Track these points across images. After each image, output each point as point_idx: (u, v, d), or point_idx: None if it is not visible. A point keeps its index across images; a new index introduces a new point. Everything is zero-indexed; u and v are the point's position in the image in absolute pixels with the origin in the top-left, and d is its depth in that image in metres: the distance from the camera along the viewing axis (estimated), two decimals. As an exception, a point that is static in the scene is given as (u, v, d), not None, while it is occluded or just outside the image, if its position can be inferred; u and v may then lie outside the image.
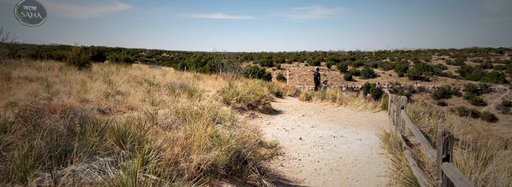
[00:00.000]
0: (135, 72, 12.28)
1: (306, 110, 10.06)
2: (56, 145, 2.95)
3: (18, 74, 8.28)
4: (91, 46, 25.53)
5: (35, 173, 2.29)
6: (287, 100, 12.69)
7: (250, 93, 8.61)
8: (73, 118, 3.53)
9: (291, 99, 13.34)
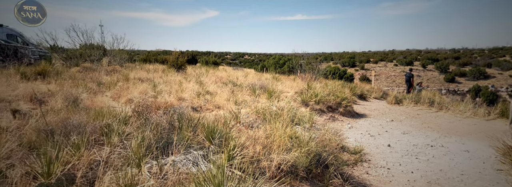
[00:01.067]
0: (221, 74, 13.42)
1: (395, 114, 9.04)
2: (161, 137, 3.45)
3: (133, 75, 10.14)
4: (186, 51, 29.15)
5: (146, 161, 2.73)
6: (372, 103, 11.66)
7: (330, 95, 8.27)
8: (173, 114, 4.08)
9: (377, 101, 12.21)
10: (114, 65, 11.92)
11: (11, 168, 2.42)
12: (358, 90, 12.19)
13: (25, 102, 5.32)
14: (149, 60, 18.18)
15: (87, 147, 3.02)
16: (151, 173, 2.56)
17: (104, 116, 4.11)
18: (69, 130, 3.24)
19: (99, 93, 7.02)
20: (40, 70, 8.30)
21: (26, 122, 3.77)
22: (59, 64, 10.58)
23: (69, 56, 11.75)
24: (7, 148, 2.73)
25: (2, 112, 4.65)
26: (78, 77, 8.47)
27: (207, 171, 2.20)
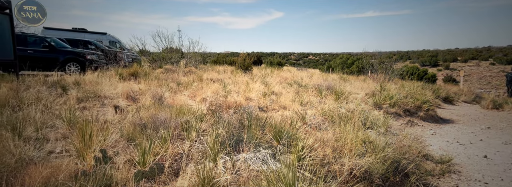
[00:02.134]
0: (285, 75, 13.49)
1: (493, 121, 7.62)
2: (232, 135, 3.66)
3: (206, 76, 11.02)
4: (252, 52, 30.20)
5: (221, 156, 2.94)
6: (461, 107, 10.08)
7: (407, 97, 7.48)
8: (242, 113, 4.29)
9: (466, 106, 10.51)
10: (190, 67, 13.16)
11: (117, 155, 2.90)
12: (442, 92, 10.70)
13: (123, 99, 6.31)
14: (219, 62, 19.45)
15: (171, 140, 3.42)
16: (226, 168, 2.75)
17: (184, 113, 4.58)
18: (157, 125, 3.72)
19: (178, 92, 7.85)
20: (132, 72, 9.75)
21: (124, 117, 4.47)
22: (146, 66, 12.21)
23: (154, 59, 13.46)
24: (112, 138, 3.27)
25: (107, 107, 5.62)
26: (162, 78, 9.64)
27: (277, 170, 2.25)
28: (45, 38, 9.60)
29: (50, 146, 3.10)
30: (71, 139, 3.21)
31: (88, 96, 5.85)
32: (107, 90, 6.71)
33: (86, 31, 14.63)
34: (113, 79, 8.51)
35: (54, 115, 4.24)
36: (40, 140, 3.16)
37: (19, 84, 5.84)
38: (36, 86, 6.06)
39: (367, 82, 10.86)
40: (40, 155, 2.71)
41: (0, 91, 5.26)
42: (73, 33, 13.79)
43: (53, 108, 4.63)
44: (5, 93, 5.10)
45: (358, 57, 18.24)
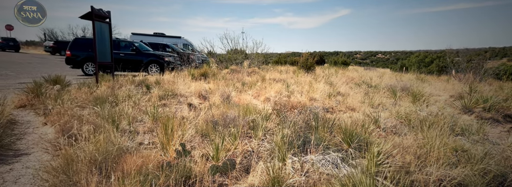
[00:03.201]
0: (351, 74, 12.75)
1: None
2: (298, 135, 3.60)
3: (269, 76, 11.19)
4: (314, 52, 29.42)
5: (288, 156, 2.93)
6: None
7: (508, 100, 6.26)
8: (309, 114, 4.20)
9: None
10: (253, 67, 13.56)
11: (194, 149, 3.15)
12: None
13: (196, 97, 6.86)
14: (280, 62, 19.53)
15: (240, 138, 3.55)
16: (295, 169, 2.72)
17: (250, 112, 4.72)
18: (227, 122, 3.91)
19: (243, 92, 8.16)
20: (202, 72, 10.53)
21: (198, 114, 4.83)
22: (214, 67, 13.04)
23: (220, 60, 14.28)
24: (189, 134, 3.56)
25: (182, 104, 6.17)
26: (228, 78, 10.17)
27: (352, 176, 2.12)
28: (133, 43, 11.10)
29: (140, 138, 3.54)
30: (156, 133, 3.61)
31: (167, 94, 6.51)
32: (182, 89, 7.37)
33: (164, 35, 16.41)
34: (187, 79, 9.32)
35: (141, 110, 4.84)
36: (132, 132, 3.64)
37: (114, 83, 6.85)
38: (126, 85, 7.00)
39: (451, 83, 9.48)
40: (133, 146, 3.12)
41: (102, 89, 6.26)
42: (154, 38, 15.62)
43: (140, 104, 5.29)
44: (104, 91, 6.05)
45: (438, 55, 16.06)
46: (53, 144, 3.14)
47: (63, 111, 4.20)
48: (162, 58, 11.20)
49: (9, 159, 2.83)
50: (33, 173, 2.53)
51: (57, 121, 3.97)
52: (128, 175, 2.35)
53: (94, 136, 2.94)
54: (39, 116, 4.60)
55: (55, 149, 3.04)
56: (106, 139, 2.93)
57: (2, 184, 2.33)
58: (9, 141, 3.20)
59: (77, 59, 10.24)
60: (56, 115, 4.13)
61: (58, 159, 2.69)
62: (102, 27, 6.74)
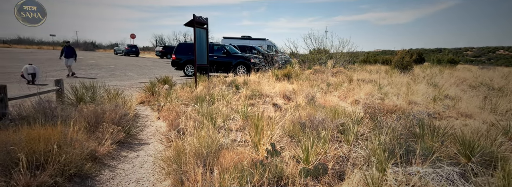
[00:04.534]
0: (463, 75, 10.67)
1: None
2: (398, 143, 3.19)
3: (356, 77, 10.44)
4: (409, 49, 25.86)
5: (389, 166, 2.61)
6: None
7: None
8: (412, 119, 3.68)
9: None
10: (338, 67, 12.90)
11: (283, 150, 3.17)
12: None
13: (280, 98, 6.96)
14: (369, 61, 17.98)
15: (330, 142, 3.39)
16: (398, 181, 2.41)
17: (339, 115, 4.46)
18: (316, 124, 3.80)
19: (328, 93, 7.84)
20: (286, 73, 10.63)
21: (284, 114, 4.87)
22: (297, 67, 13.01)
23: (303, 60, 14.14)
24: (277, 134, 3.60)
25: (268, 104, 6.35)
26: (311, 79, 9.96)
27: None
28: (224, 46, 12.11)
29: (233, 135, 3.78)
30: (247, 131, 3.79)
31: (254, 94, 6.81)
32: (267, 89, 7.59)
33: (250, 38, 17.37)
34: (271, 79, 9.56)
35: (233, 109, 5.19)
36: (226, 129, 3.93)
37: (209, 83, 7.58)
38: (219, 85, 7.64)
39: None
40: (228, 142, 3.35)
41: (199, 89, 7.02)
42: (241, 40, 16.73)
43: (231, 103, 5.68)
44: (201, 90, 6.77)
45: None
46: (166, 136, 3.67)
47: (172, 108, 4.88)
48: (249, 59, 11.82)
49: (136, 147, 3.45)
50: (153, 161, 3.00)
51: (167, 116, 4.65)
52: (226, 170, 2.53)
53: (197, 131, 3.29)
54: (154, 111, 5.48)
55: (167, 140, 3.55)
56: (206, 135, 3.24)
57: (133, 167, 2.84)
58: (135, 132, 3.90)
59: (180, 62, 11.84)
60: (167, 111, 4.83)
61: (170, 150, 3.13)
62: (201, 33, 7.56)
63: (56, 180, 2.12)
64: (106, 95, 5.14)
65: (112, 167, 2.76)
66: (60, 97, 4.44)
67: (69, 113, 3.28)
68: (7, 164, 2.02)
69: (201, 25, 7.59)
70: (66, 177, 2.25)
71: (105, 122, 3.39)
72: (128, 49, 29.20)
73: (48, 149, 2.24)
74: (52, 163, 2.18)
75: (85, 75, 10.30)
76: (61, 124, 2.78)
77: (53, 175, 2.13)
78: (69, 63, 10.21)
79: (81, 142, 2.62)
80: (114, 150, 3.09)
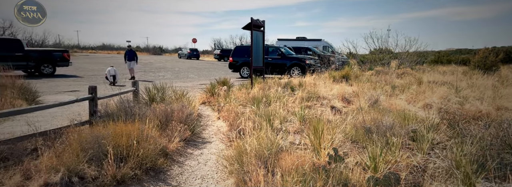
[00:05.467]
0: None
1: None
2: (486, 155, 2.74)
3: (426, 78, 9.37)
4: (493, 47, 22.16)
5: (478, 180, 2.25)
6: None
7: None
8: (506, 127, 3.12)
9: None
10: (404, 68, 11.77)
11: (346, 155, 2.99)
12: None
13: (338, 100, 6.64)
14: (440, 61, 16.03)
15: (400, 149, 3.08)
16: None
17: (409, 120, 4.04)
18: (383, 130, 3.50)
19: (393, 96, 7.19)
20: (344, 74, 10.12)
21: (344, 117, 4.62)
22: (356, 68, 12.30)
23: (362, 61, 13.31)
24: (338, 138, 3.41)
25: (325, 107, 6.11)
26: (374, 80, 9.29)
27: None
28: (279, 48, 12.14)
29: (291, 138, 3.72)
30: (306, 134, 3.69)
31: (310, 96, 6.63)
32: (324, 91, 7.33)
33: (305, 39, 17.09)
34: (328, 81, 9.21)
35: (289, 111, 5.13)
36: (284, 131, 3.89)
37: (265, 85, 7.66)
38: (274, 87, 7.66)
39: None
40: (286, 145, 3.31)
41: (255, 90, 7.14)
42: (296, 42, 16.57)
43: (287, 105, 5.63)
44: (257, 92, 6.86)
45: None
46: (226, 136, 3.81)
47: (231, 109, 5.05)
48: (304, 61, 11.61)
49: (200, 145, 3.66)
50: (216, 159, 3.13)
51: (227, 117, 4.83)
52: (288, 172, 2.49)
53: (257, 132, 3.33)
54: (215, 111, 5.76)
55: (228, 140, 3.68)
56: (265, 136, 3.25)
57: (198, 164, 3.01)
58: (198, 131, 4.14)
59: (237, 64, 12.27)
60: (226, 112, 5.02)
61: (231, 149, 3.23)
62: (258, 35, 7.70)
63: (135, 172, 2.36)
64: (173, 95, 5.58)
65: (180, 163, 2.96)
66: (136, 97, 4.97)
67: (144, 112, 3.64)
68: (99, 155, 2.32)
69: (258, 28, 7.73)
70: (143, 170, 2.48)
71: (174, 121, 3.66)
72: (190, 53, 31.52)
73: (129, 144, 2.51)
74: (133, 157, 2.44)
75: (155, 78, 11.40)
76: (139, 121, 3.10)
77: (133, 167, 2.37)
78: (131, 66, 10.80)
79: (155, 138, 2.88)
80: (181, 147, 3.31)
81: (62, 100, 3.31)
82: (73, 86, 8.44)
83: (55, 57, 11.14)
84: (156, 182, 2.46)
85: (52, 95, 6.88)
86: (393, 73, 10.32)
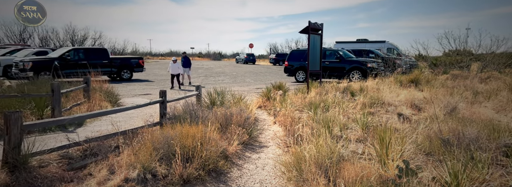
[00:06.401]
0: None
1: None
2: None
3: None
4: None
5: None
6: None
7: None
8: None
9: None
10: (489, 71, 10.10)
11: (419, 169, 2.66)
12: None
13: (407, 107, 6.01)
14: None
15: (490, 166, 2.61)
16: None
17: (500, 132, 3.43)
18: (466, 142, 3.03)
19: (476, 103, 6.21)
20: (412, 78, 9.15)
21: (415, 126, 4.14)
22: (427, 72, 11.02)
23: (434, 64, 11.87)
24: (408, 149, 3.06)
25: (391, 114, 5.60)
26: (450, 85, 8.19)
27: None
28: (337, 51, 11.66)
29: (352, 146, 3.49)
30: (370, 143, 3.42)
31: (373, 102, 6.16)
32: (389, 97, 6.73)
33: (367, 41, 16.06)
34: (393, 86, 8.45)
35: (349, 118, 4.84)
36: (344, 139, 3.67)
37: (321, 89, 7.41)
38: (332, 92, 7.35)
39: None
40: (348, 154, 3.11)
41: (311, 95, 6.96)
42: (357, 44, 15.69)
43: (347, 111, 5.33)
44: (313, 97, 6.67)
45: None
46: (283, 141, 3.77)
47: (287, 113, 5.01)
48: (365, 64, 10.91)
49: (257, 149, 3.70)
50: (273, 164, 3.12)
51: (283, 122, 4.80)
52: (350, 184, 2.32)
53: (315, 138, 3.21)
54: (270, 115, 5.78)
55: (285, 145, 3.64)
56: (324, 143, 3.11)
57: (256, 168, 3.04)
58: (255, 134, 4.20)
59: (292, 68, 12.18)
60: (282, 116, 4.99)
61: (288, 155, 3.19)
62: (315, 39, 7.52)
63: (199, 173, 2.49)
64: (231, 99, 5.80)
65: (239, 166, 3.03)
66: (198, 101, 5.31)
67: (206, 115, 3.85)
68: (168, 155, 2.52)
69: (316, 31, 7.55)
70: (206, 171, 2.60)
71: (233, 124, 3.78)
72: (247, 57, 32.58)
73: (193, 145, 2.67)
74: (197, 158, 2.58)
75: (215, 82, 12.06)
76: (202, 124, 3.28)
77: (197, 168, 2.51)
78: (187, 72, 11.30)
79: (216, 140, 3.00)
80: (240, 150, 3.39)
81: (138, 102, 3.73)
82: (146, 90, 9.46)
83: (132, 64, 12.68)
84: (217, 184, 2.55)
85: (129, 97, 7.81)
86: (475, 78, 8.93)
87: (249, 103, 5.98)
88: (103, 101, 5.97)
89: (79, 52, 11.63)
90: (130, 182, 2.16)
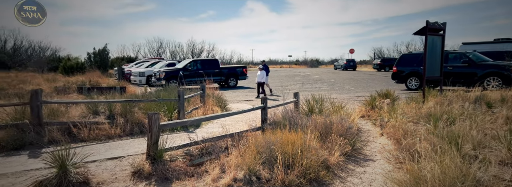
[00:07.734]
0: None
1: None
2: None
3: None
4: None
5: None
6: None
7: None
8: None
9: None
10: None
11: None
12: None
13: None
14: None
15: None
16: None
17: None
18: None
19: None
20: None
21: None
22: None
23: None
24: None
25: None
26: None
27: None
28: (464, 54, 9.57)
29: (494, 170, 2.73)
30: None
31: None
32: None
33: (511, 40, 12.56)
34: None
35: (487, 134, 3.84)
36: (481, 160, 2.92)
37: (443, 98, 6.20)
38: (458, 102, 6.06)
39: None
40: (488, 179, 2.44)
41: (428, 105, 5.90)
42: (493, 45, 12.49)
43: (483, 126, 4.25)
44: (432, 107, 5.63)
45: None
46: (394, 156, 3.31)
47: (397, 125, 4.40)
48: (508, 69, 8.56)
49: (361, 162, 3.38)
50: (383, 180, 2.76)
51: (393, 134, 4.23)
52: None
53: (439, 156, 2.67)
54: (376, 126, 5.22)
55: (396, 161, 3.18)
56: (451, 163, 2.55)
57: (362, 183, 2.77)
58: (359, 146, 3.86)
59: (402, 74, 10.71)
60: (392, 128, 4.41)
61: (401, 172, 2.76)
62: (434, 41, 6.42)
63: (300, 181, 2.45)
64: (330, 107, 5.55)
65: (342, 178, 2.83)
66: (296, 108, 5.33)
67: (305, 122, 3.80)
68: (270, 159, 2.60)
69: (436, 32, 6.45)
70: (307, 180, 2.54)
71: (333, 133, 3.59)
72: (346, 63, 30.94)
73: (294, 152, 2.66)
74: (297, 165, 2.56)
75: (312, 89, 11.91)
76: (301, 131, 3.25)
77: (298, 175, 2.48)
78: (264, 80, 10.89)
79: (316, 149, 2.91)
80: (342, 162, 3.18)
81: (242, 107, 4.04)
82: (248, 96, 10.22)
83: (238, 72, 14.08)
84: (319, 195, 2.46)
85: (235, 103, 8.61)
86: None
87: (350, 112, 5.58)
88: (214, 106, 6.78)
89: (197, 63, 13.74)
90: (238, 182, 2.33)
